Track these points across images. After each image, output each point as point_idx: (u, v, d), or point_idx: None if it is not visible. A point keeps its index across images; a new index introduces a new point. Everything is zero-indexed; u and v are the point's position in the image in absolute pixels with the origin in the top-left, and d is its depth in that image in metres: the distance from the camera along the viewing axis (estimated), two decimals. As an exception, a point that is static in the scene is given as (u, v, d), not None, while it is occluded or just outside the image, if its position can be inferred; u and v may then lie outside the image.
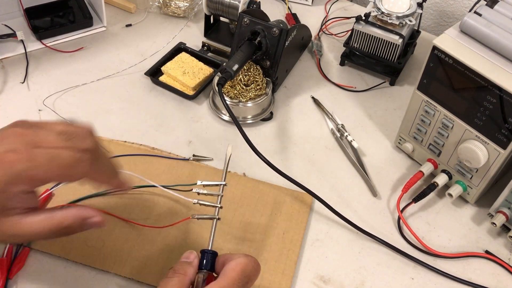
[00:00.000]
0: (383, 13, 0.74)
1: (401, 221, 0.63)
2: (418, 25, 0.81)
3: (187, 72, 0.75)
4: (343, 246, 0.60)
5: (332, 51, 0.85)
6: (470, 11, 0.58)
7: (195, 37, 0.84)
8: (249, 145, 0.61)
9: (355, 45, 0.79)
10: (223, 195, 0.52)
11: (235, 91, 0.71)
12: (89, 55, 0.80)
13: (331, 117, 0.74)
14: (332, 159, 0.70)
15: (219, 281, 0.43)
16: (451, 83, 0.58)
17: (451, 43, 0.57)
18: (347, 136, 0.71)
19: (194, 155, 0.67)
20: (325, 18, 0.90)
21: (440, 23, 0.94)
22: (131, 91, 0.75)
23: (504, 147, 0.56)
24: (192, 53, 0.79)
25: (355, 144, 0.70)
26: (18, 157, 0.42)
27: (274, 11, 0.90)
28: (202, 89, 0.75)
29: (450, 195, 0.63)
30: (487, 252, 0.61)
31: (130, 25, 0.86)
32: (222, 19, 0.86)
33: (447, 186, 0.65)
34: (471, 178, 0.62)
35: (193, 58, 0.78)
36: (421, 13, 0.78)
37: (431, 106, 0.62)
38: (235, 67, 0.67)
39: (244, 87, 0.71)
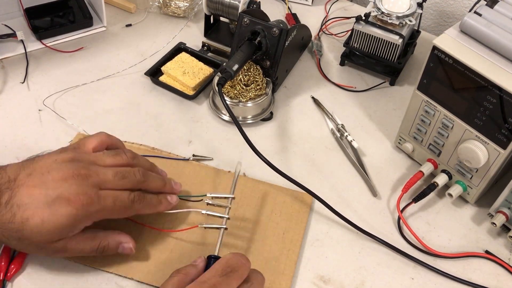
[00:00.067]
0: (383, 13, 0.74)
1: (401, 221, 0.63)
2: (418, 25, 0.81)
3: (187, 72, 0.75)
4: (343, 246, 0.60)
5: (332, 51, 0.85)
6: (470, 11, 0.58)
7: (195, 37, 0.84)
8: (249, 145, 0.61)
9: (355, 45, 0.79)
10: (231, 207, 0.56)
11: (235, 91, 0.71)
12: (89, 55, 0.80)
13: (331, 117, 0.74)
14: (332, 159, 0.70)
15: (205, 273, 0.46)
16: (451, 83, 0.58)
17: (451, 43, 0.57)
18: (347, 136, 0.71)
19: (194, 155, 0.67)
20: (325, 18, 0.90)
21: (440, 23, 0.94)
22: (131, 91, 0.75)
23: (504, 147, 0.56)
24: (192, 53, 0.79)
25: (355, 144, 0.70)
26: (89, 200, 0.49)
27: (274, 11, 0.90)
28: (202, 89, 0.75)
29: (450, 195, 0.63)
30: (487, 252, 0.61)
31: (130, 25, 0.86)
32: (222, 19, 0.86)
33: (447, 186, 0.65)
34: (471, 178, 0.62)
35: (193, 58, 0.78)
36: (421, 13, 0.78)
37: (431, 106, 0.62)
38: (235, 67, 0.67)
39: (244, 87, 0.71)
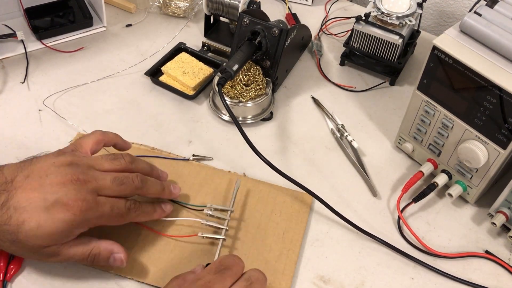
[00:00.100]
0: (383, 13, 0.74)
1: (401, 221, 0.62)
2: (418, 25, 0.81)
3: (187, 72, 0.75)
4: (343, 246, 0.60)
5: (332, 51, 0.85)
6: (470, 11, 0.58)
7: (195, 37, 0.84)
8: (249, 145, 0.61)
9: (355, 45, 0.79)
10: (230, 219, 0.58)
11: (235, 91, 0.71)
12: (89, 55, 0.80)
13: (331, 117, 0.74)
14: (332, 159, 0.70)
15: (200, 273, 0.47)
16: (451, 83, 0.58)
17: (451, 43, 0.57)
18: (347, 136, 0.71)
19: (194, 155, 0.67)
20: (325, 18, 0.90)
21: (440, 23, 0.94)
22: (131, 91, 0.75)
23: (504, 147, 0.56)
24: (192, 53, 0.79)
25: (355, 144, 0.70)
26: (87, 206, 0.49)
27: (274, 11, 0.90)
28: (202, 89, 0.75)
29: (450, 195, 0.63)
30: (487, 252, 0.61)
31: (130, 25, 0.86)
32: (222, 19, 0.86)
33: (447, 186, 0.65)
34: (471, 178, 0.62)
35: (193, 58, 0.78)
36: (421, 13, 0.77)
37: (431, 106, 0.62)
38: (235, 67, 0.67)
39: (244, 87, 0.71)
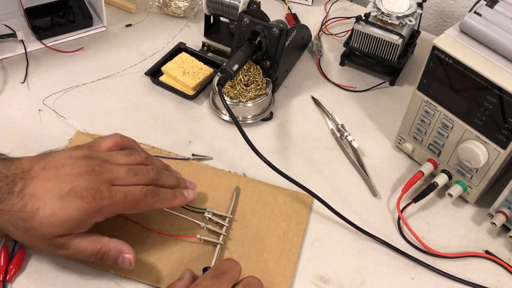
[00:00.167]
0: (383, 13, 0.74)
1: (401, 221, 0.62)
2: (418, 25, 0.81)
3: (187, 72, 0.75)
4: (343, 246, 0.60)
5: (332, 51, 0.85)
6: (470, 11, 0.58)
7: (195, 37, 0.84)
8: (249, 145, 0.61)
9: (355, 45, 0.79)
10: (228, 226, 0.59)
11: (235, 91, 0.71)
12: (89, 55, 0.80)
13: (331, 117, 0.74)
14: (332, 159, 0.69)
15: (197, 280, 0.48)
16: (451, 83, 0.58)
17: (451, 43, 0.57)
18: (347, 136, 0.71)
19: (193, 155, 0.67)
20: (325, 18, 0.90)
21: (440, 23, 0.94)
22: (131, 91, 0.75)
23: (504, 147, 0.56)
24: (192, 53, 0.79)
25: (355, 144, 0.70)
26: (100, 195, 0.49)
27: (274, 11, 0.90)
28: (202, 89, 0.75)
29: (450, 195, 0.63)
30: (487, 252, 0.61)
31: (130, 25, 0.86)
32: (222, 19, 0.86)
33: (447, 186, 0.65)
34: (471, 178, 0.62)
35: (193, 58, 0.78)
36: (421, 13, 0.77)
37: (431, 106, 0.62)
38: (235, 67, 0.67)
39: (244, 87, 0.71)
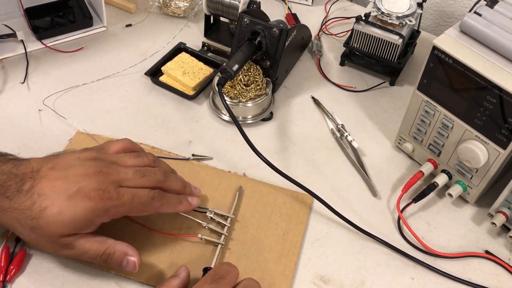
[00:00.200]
0: (383, 13, 0.74)
1: (401, 221, 0.62)
2: (418, 25, 0.81)
3: (187, 72, 0.75)
4: (343, 246, 0.60)
5: (332, 51, 0.85)
6: (470, 11, 0.58)
7: (195, 37, 0.84)
8: (249, 145, 0.61)
9: (355, 45, 0.79)
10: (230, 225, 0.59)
11: (235, 91, 0.71)
12: (89, 55, 0.80)
13: (331, 117, 0.74)
14: (332, 159, 0.69)
15: (196, 284, 0.48)
16: (451, 83, 0.58)
17: (451, 43, 0.57)
18: (347, 136, 0.71)
19: (193, 155, 0.67)
20: (325, 18, 0.90)
21: (440, 23, 0.94)
22: (131, 91, 0.75)
23: (504, 147, 0.56)
24: (192, 53, 0.79)
25: (355, 144, 0.70)
26: (107, 195, 0.49)
27: (274, 11, 0.90)
28: (202, 89, 0.75)
29: (450, 195, 0.63)
30: (487, 252, 0.61)
31: (130, 25, 0.86)
32: (222, 19, 0.86)
33: (447, 186, 0.65)
34: (471, 178, 0.62)
35: (193, 58, 0.78)
36: (421, 13, 0.77)
37: (431, 106, 0.62)
38: (235, 67, 0.67)
39: (244, 87, 0.71)
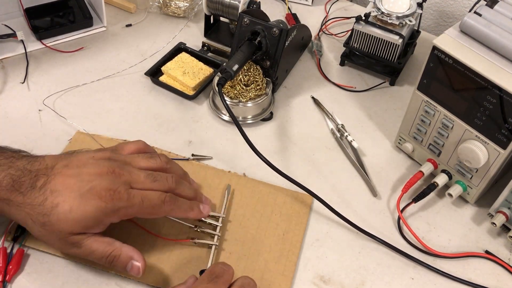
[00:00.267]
0: (383, 13, 0.74)
1: (401, 221, 0.62)
2: (418, 25, 0.81)
3: (187, 72, 0.75)
4: (343, 246, 0.60)
5: (332, 51, 0.85)
6: (470, 11, 0.58)
7: (195, 37, 0.84)
8: (249, 145, 0.61)
9: (355, 45, 0.79)
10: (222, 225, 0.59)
11: (235, 91, 0.71)
12: (89, 55, 0.80)
13: (331, 117, 0.74)
14: (332, 159, 0.69)
15: (193, 285, 0.48)
16: (451, 83, 0.58)
17: (451, 43, 0.57)
18: (347, 136, 0.71)
19: (193, 155, 0.67)
20: (325, 18, 0.90)
21: (440, 23, 0.94)
22: (131, 91, 0.75)
23: (504, 147, 0.56)
24: (192, 53, 0.79)
25: (355, 144, 0.70)
26: (118, 196, 0.50)
27: (274, 11, 0.90)
28: (202, 89, 0.75)
29: (450, 195, 0.63)
30: (487, 252, 0.61)
31: (130, 25, 0.86)
32: (222, 19, 0.86)
33: (447, 186, 0.65)
34: (471, 178, 0.62)
35: (193, 58, 0.78)
36: (421, 13, 0.77)
37: (431, 106, 0.62)
38: (235, 67, 0.67)
39: (244, 87, 0.71)
